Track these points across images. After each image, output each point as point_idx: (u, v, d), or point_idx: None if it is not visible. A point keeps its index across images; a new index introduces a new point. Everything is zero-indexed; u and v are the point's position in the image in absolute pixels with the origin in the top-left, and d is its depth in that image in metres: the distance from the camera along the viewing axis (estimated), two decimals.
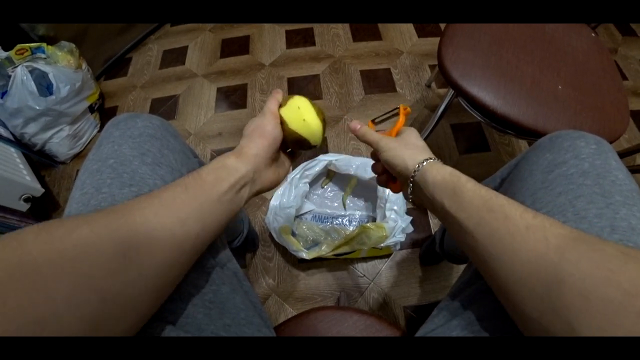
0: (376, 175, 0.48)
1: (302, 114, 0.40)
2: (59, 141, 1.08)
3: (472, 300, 0.36)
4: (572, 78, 0.66)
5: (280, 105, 0.42)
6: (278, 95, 0.43)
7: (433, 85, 1.24)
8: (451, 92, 0.78)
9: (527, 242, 0.25)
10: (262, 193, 0.40)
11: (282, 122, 0.41)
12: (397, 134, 0.45)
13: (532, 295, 0.24)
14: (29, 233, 0.22)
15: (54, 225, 0.23)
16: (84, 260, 0.22)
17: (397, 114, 0.50)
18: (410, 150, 0.40)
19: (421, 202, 0.39)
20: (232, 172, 0.34)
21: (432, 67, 1.29)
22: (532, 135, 0.63)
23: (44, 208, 1.04)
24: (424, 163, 0.37)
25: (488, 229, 0.28)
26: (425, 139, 0.95)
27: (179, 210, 0.29)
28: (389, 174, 0.46)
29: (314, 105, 0.42)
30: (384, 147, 0.41)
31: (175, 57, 1.42)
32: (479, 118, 0.71)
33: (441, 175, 0.34)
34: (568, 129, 0.39)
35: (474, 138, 1.13)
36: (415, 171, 0.37)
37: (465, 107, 0.73)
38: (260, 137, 0.38)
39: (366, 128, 0.45)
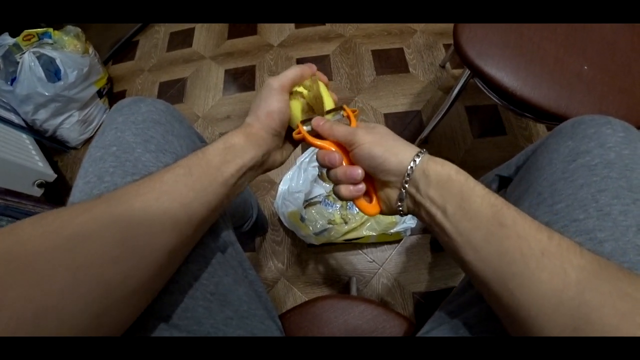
0: (343, 189, 0.34)
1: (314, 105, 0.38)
2: (69, 127, 1.09)
3: (467, 305, 0.35)
4: (599, 58, 0.61)
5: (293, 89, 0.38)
6: (306, 68, 0.39)
7: (447, 65, 1.19)
8: (467, 72, 0.74)
9: (543, 271, 0.22)
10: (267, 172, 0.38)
11: (291, 107, 0.38)
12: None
13: (543, 335, 0.22)
14: (26, 225, 0.22)
15: (51, 216, 0.23)
16: (82, 251, 0.22)
17: (343, 116, 0.39)
18: (397, 142, 0.32)
19: (412, 211, 0.32)
20: (240, 154, 0.33)
21: (446, 46, 1.23)
22: (552, 119, 0.59)
23: (58, 193, 1.06)
24: (421, 155, 0.30)
25: (497, 247, 0.25)
26: (438, 122, 0.94)
27: (182, 195, 0.28)
28: (369, 183, 0.35)
29: (327, 93, 0.39)
30: (363, 137, 0.32)
31: (182, 39, 1.40)
32: (496, 100, 0.67)
33: (446, 172, 0.29)
34: (593, 113, 0.36)
35: (490, 121, 1.09)
36: (413, 164, 0.30)
37: (482, 88, 0.69)
38: (268, 118, 0.35)
39: (332, 122, 0.36)
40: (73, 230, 0.22)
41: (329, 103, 0.39)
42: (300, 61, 1.26)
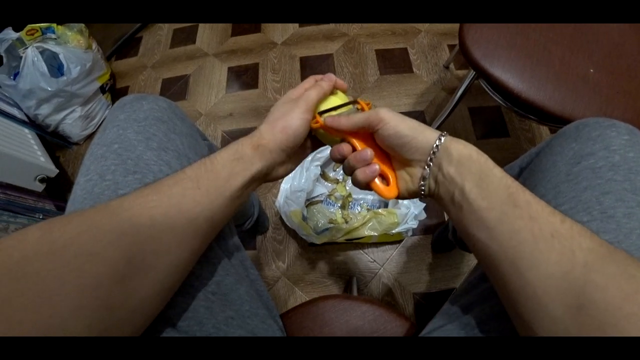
0: (359, 173, 0.34)
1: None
2: (71, 122, 1.09)
3: (473, 304, 0.35)
4: (605, 60, 0.61)
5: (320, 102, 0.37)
6: (325, 85, 0.37)
7: (451, 66, 1.19)
8: (472, 73, 0.74)
9: (552, 252, 0.23)
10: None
11: (316, 124, 0.36)
12: None
13: (546, 314, 0.22)
14: (30, 242, 0.21)
15: (56, 231, 0.22)
16: (88, 271, 0.22)
17: (358, 109, 0.39)
18: (419, 122, 0.33)
19: (432, 191, 0.33)
20: (248, 166, 0.32)
21: (451, 47, 1.23)
22: (557, 121, 0.59)
23: (59, 188, 1.07)
24: (444, 135, 0.31)
25: (510, 227, 0.25)
26: (442, 123, 0.94)
27: (189, 210, 0.27)
28: (387, 166, 0.36)
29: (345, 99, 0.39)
30: (387, 115, 0.32)
31: (185, 36, 1.40)
32: (500, 102, 0.67)
33: (468, 151, 0.29)
34: (598, 116, 0.36)
35: (493, 122, 1.08)
36: (438, 143, 0.30)
37: (486, 89, 0.69)
38: (282, 133, 0.34)
39: (347, 114, 0.36)
40: (79, 248, 0.22)
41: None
42: (303, 60, 1.25)
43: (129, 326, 0.24)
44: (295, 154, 0.38)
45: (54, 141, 1.12)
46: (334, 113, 0.37)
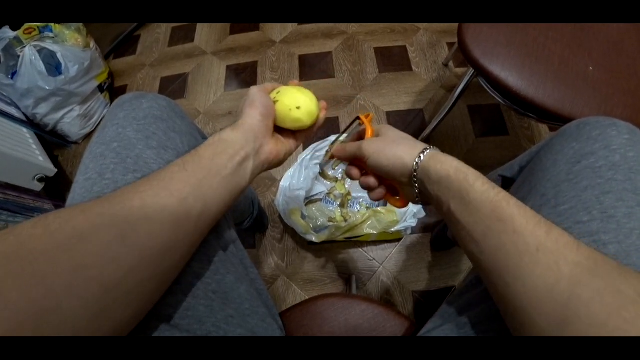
0: (370, 193, 0.41)
1: (290, 93, 0.40)
2: (70, 121, 1.08)
3: (471, 304, 0.35)
4: (605, 59, 0.60)
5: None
6: (268, 84, 0.42)
7: (450, 64, 1.19)
8: (471, 71, 0.74)
9: (537, 265, 0.23)
10: (269, 168, 0.38)
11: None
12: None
13: (532, 327, 0.23)
14: (26, 227, 0.22)
15: (50, 217, 0.23)
16: (81, 250, 0.22)
17: (360, 124, 0.45)
18: (401, 145, 0.35)
19: (429, 202, 0.35)
20: (230, 144, 0.33)
21: (450, 45, 1.23)
22: (556, 119, 0.59)
23: (58, 188, 1.06)
24: (424, 154, 0.33)
25: (495, 242, 0.26)
26: (441, 121, 0.93)
27: (178, 190, 0.27)
28: (385, 186, 0.40)
29: (301, 90, 0.41)
30: (368, 150, 0.36)
31: (184, 34, 1.39)
32: (499, 100, 0.67)
33: (445, 171, 0.30)
34: (597, 114, 0.36)
35: (492, 120, 1.08)
36: (415, 166, 0.33)
37: (486, 87, 0.68)
38: (250, 107, 0.36)
39: (340, 145, 0.42)
40: (72, 230, 0.22)
41: (303, 100, 0.40)
42: (302, 58, 1.25)
43: (127, 308, 0.24)
44: (277, 135, 0.40)
45: (52, 140, 1.12)
46: (340, 138, 0.47)
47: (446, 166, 0.31)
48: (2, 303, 0.18)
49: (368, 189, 0.40)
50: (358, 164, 0.42)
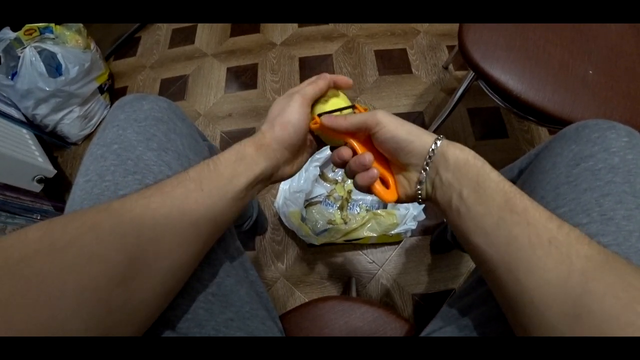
0: (360, 175, 0.34)
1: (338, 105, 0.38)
2: (70, 122, 1.08)
3: (472, 306, 0.35)
4: (604, 62, 0.61)
5: (317, 101, 0.37)
6: (321, 82, 0.37)
7: (450, 67, 1.19)
8: (471, 74, 0.74)
9: (549, 258, 0.23)
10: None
11: (314, 125, 0.36)
12: None
13: (542, 322, 0.22)
14: (31, 240, 0.21)
15: (58, 229, 0.22)
16: (89, 273, 0.21)
17: (354, 113, 0.38)
18: (416, 126, 0.32)
19: (430, 195, 0.33)
20: (252, 166, 0.32)
21: (450, 47, 1.23)
22: (556, 123, 0.59)
23: (57, 189, 1.06)
24: (440, 140, 0.31)
25: (507, 233, 0.25)
26: (441, 124, 0.94)
27: (192, 211, 0.27)
28: (386, 170, 0.36)
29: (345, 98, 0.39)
30: (384, 119, 0.32)
31: (184, 36, 1.39)
32: (499, 103, 0.67)
33: (464, 156, 0.29)
34: (597, 117, 0.36)
35: (492, 123, 1.09)
36: (434, 148, 0.30)
37: (486, 91, 0.69)
38: (282, 129, 0.34)
39: (345, 115, 0.35)
40: (80, 249, 0.22)
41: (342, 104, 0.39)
42: (302, 60, 1.25)
43: (129, 327, 0.24)
44: (300, 152, 0.38)
45: (52, 141, 1.12)
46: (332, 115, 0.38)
47: (465, 152, 0.30)
48: (7, 323, 0.18)
49: (362, 167, 0.34)
50: (355, 143, 0.35)
